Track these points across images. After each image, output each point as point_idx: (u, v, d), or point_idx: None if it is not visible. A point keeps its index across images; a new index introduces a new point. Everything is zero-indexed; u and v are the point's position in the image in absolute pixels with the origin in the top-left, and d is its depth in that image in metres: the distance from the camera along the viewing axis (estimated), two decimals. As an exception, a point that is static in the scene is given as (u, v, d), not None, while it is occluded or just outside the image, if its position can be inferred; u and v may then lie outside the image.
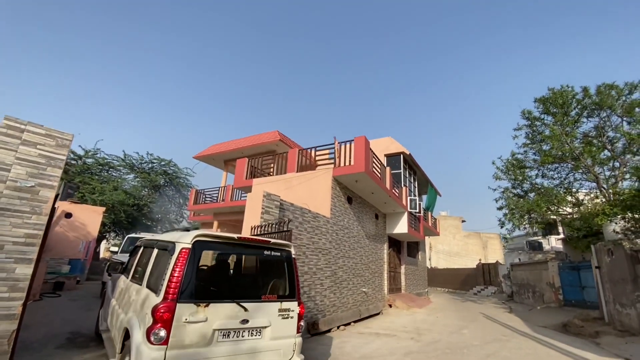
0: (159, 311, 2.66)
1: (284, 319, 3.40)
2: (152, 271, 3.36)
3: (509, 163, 14.50)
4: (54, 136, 3.96)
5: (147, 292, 3.14)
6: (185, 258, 2.89)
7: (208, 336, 2.86)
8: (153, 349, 2.62)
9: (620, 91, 12.27)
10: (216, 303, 2.96)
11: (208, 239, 3.16)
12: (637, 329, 8.81)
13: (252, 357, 3.10)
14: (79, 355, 4.38)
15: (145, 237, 9.70)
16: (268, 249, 3.60)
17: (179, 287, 2.78)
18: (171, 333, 2.66)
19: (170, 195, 25.18)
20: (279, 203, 7.00)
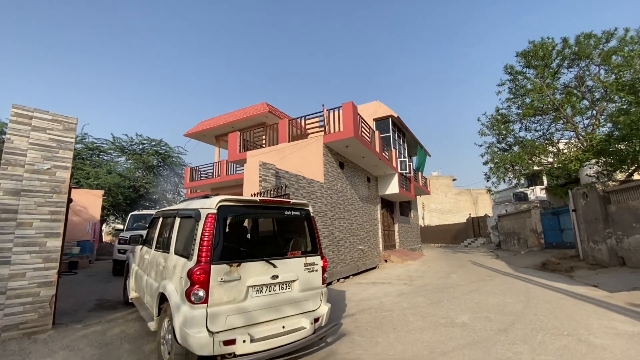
0: (195, 274, 2.84)
1: (309, 272, 3.66)
2: (179, 239, 3.54)
3: (494, 118, 14.94)
4: (61, 121, 4.24)
5: (176, 258, 3.34)
6: (212, 223, 3.02)
7: (243, 292, 3.08)
8: (195, 308, 2.82)
9: (598, 40, 12.51)
10: (247, 262, 3.17)
11: (231, 203, 3.28)
12: (606, 262, 9.79)
13: (284, 307, 3.35)
14: (110, 314, 4.96)
15: (147, 213, 10.12)
16: (288, 209, 3.81)
17: (210, 250, 2.94)
18: (209, 292, 2.86)
19: (165, 175, 25.33)
20: (275, 171, 7.41)
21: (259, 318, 3.16)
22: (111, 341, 3.90)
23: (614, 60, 12.11)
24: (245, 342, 2.89)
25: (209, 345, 2.74)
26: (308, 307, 3.57)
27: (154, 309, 3.57)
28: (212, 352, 2.76)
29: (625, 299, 5.97)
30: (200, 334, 2.75)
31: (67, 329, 4.14)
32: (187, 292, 2.83)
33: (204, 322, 2.81)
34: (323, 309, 3.71)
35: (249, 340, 2.91)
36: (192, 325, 2.78)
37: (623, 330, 4.21)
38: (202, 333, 2.76)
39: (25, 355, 3.39)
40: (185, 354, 2.95)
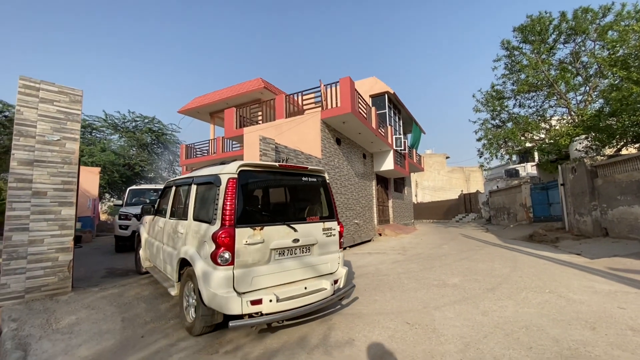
0: (220, 237, 2.89)
1: (327, 237, 3.75)
2: (197, 205, 3.59)
3: (489, 95, 15.07)
4: (67, 93, 4.31)
5: (197, 224, 3.39)
6: (233, 187, 3.06)
7: (267, 255, 3.16)
8: (221, 269, 2.89)
9: (595, 14, 12.51)
10: (269, 226, 3.22)
11: (251, 168, 3.30)
12: (590, 232, 10.31)
13: (305, 270, 3.47)
14: (123, 280, 5.23)
15: (146, 187, 10.20)
16: (305, 175, 3.86)
17: (234, 214, 2.99)
18: (235, 254, 2.93)
19: (159, 153, 25.20)
20: (275, 146, 7.54)
21: (283, 279, 3.26)
22: (128, 301, 4.17)
23: (609, 36, 12.16)
24: (271, 301, 2.97)
25: (238, 305, 2.83)
26: (327, 269, 3.69)
27: (174, 275, 3.67)
28: (240, 311, 2.84)
29: (605, 264, 6.42)
30: (230, 294, 2.86)
31: (85, 292, 4.40)
32: (213, 254, 2.90)
33: (231, 283, 2.90)
34: (341, 272, 3.83)
35: (275, 299, 2.99)
36: (220, 286, 2.87)
37: (600, 289, 4.61)
38: (231, 293, 2.87)
39: (51, 314, 3.65)
40: (212, 315, 3.08)
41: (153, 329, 3.49)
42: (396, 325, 3.47)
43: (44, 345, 3.10)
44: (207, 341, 3.16)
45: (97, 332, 3.38)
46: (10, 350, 3.01)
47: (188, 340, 3.21)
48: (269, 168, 3.52)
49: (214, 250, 2.91)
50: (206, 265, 3.01)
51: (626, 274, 5.46)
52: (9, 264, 3.77)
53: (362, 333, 3.27)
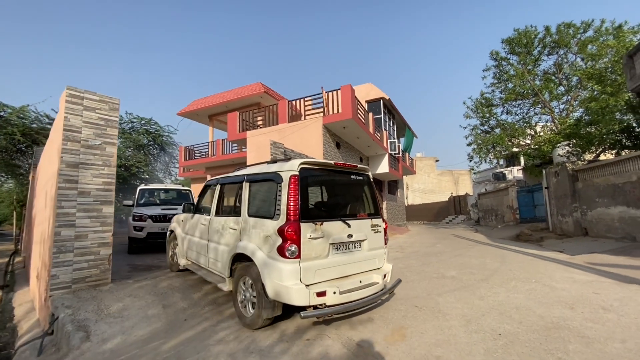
0: (287, 231, 3.01)
1: (375, 233, 3.88)
2: (252, 201, 3.72)
3: (478, 102, 15.91)
4: (106, 101, 4.73)
5: (255, 220, 3.52)
6: (296, 183, 3.18)
7: (326, 249, 3.28)
8: (288, 262, 3.00)
9: (577, 29, 13.45)
10: (328, 222, 3.34)
11: (310, 166, 3.42)
12: (572, 232, 11.12)
13: (358, 264, 3.61)
14: (151, 274, 5.62)
15: (156, 187, 10.24)
16: (354, 174, 3.97)
17: (298, 209, 3.10)
18: (301, 248, 3.04)
19: (155, 154, 25.27)
20: (283, 150, 8.04)
21: (340, 273, 3.40)
22: (164, 291, 4.61)
23: (589, 50, 13.11)
24: (335, 293, 3.11)
25: (305, 296, 2.96)
26: (375, 264, 3.83)
27: (226, 271, 3.81)
28: (308, 302, 2.97)
29: (584, 260, 7.12)
30: (298, 285, 2.98)
31: (122, 283, 4.81)
32: (280, 248, 3.02)
33: (298, 276, 3.03)
34: (388, 267, 3.99)
35: (337, 292, 3.14)
36: (288, 278, 2.98)
37: (579, 279, 5.26)
38: (300, 285, 3.00)
39: (100, 301, 4.07)
40: (273, 308, 3.21)
41: (193, 314, 3.95)
42: (407, 307, 4.01)
43: (102, 327, 3.53)
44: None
45: (144, 317, 3.82)
46: (72, 331, 3.43)
47: (228, 321, 3.68)
48: (324, 166, 3.62)
49: (280, 244, 3.03)
50: (271, 259, 3.14)
51: (602, 267, 6.15)
52: (58, 257, 4.16)
53: (378, 314, 3.80)
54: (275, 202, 3.27)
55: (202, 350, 2.99)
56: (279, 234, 3.07)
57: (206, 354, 2.91)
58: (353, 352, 2.87)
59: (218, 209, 4.43)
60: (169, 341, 3.23)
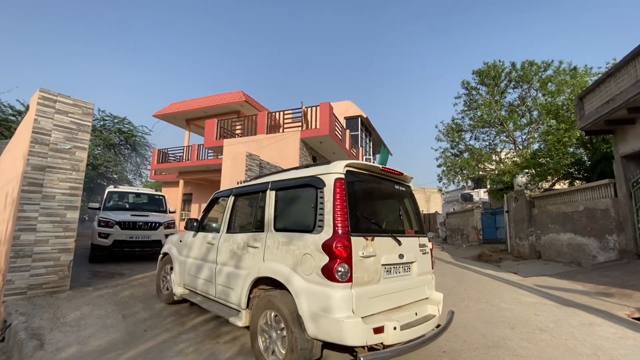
0: (335, 247, 2.37)
1: (423, 255, 3.26)
2: (281, 213, 3.11)
3: (449, 127, 16.83)
4: (80, 105, 4.72)
5: (286, 235, 2.86)
6: (342, 188, 2.61)
7: (378, 272, 2.64)
8: (338, 287, 2.32)
9: (538, 67, 14.68)
10: (378, 237, 2.72)
11: (354, 169, 2.87)
12: (527, 255, 11.88)
13: (409, 292, 2.94)
14: (112, 282, 5.49)
15: (128, 190, 9.37)
16: (398, 183, 3.40)
17: (347, 219, 2.51)
18: (353, 268, 2.40)
19: (127, 154, 24.53)
20: (259, 162, 8.17)
21: (393, 303, 2.74)
22: (125, 301, 4.56)
23: (548, 87, 14.32)
24: (395, 329, 2.39)
25: (363, 333, 2.25)
26: (425, 292, 3.18)
27: (242, 301, 3.09)
28: (364, 341, 2.27)
29: (533, 282, 7.68)
30: (351, 319, 2.26)
31: (81, 291, 4.70)
32: (327, 268, 2.37)
33: (351, 305, 2.33)
34: (439, 296, 3.33)
35: (398, 327, 2.42)
36: (339, 308, 2.29)
37: (525, 301, 5.71)
38: (354, 318, 2.28)
39: (56, 309, 3.98)
40: (310, 350, 2.50)
41: (154, 325, 3.95)
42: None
43: (57, 336, 3.47)
44: (206, 334, 3.70)
45: (102, 326, 3.78)
46: (25, 339, 3.36)
47: (189, 333, 3.72)
48: (370, 170, 3.06)
49: (326, 263, 2.39)
50: (312, 284, 2.47)
51: (547, 289, 6.68)
52: (15, 261, 4.05)
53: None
54: (316, 212, 2.67)
55: (160, 362, 3.04)
56: (324, 250, 2.44)
57: (164, 366, 2.96)
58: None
59: (230, 225, 3.75)
60: (127, 352, 3.24)
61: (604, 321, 4.49)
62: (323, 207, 2.63)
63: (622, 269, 7.46)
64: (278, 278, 2.73)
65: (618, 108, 7.24)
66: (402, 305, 2.85)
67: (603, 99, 8.01)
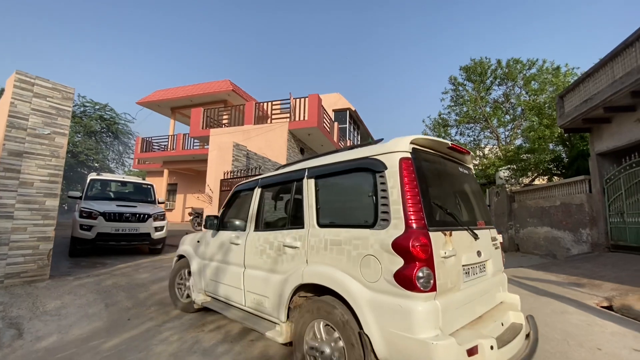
0: (412, 245, 1.86)
1: (496, 249, 2.73)
2: (325, 205, 2.60)
3: (436, 122, 17.06)
4: (60, 90, 4.56)
5: (334, 232, 2.36)
6: (410, 171, 2.09)
7: (459, 276, 2.13)
8: (420, 299, 1.82)
9: (523, 65, 14.98)
10: (455, 231, 2.19)
11: (420, 147, 2.33)
12: (506, 248, 12.27)
13: (486, 298, 2.42)
14: (94, 271, 5.39)
15: (112, 178, 8.77)
16: (462, 165, 2.85)
17: (422, 210, 1.99)
18: (436, 273, 1.90)
19: (109, 142, 23.83)
20: (246, 152, 8.10)
21: (475, 312, 2.24)
22: (107, 290, 4.49)
23: (532, 85, 14.67)
24: (492, 348, 1.89)
25: (456, 357, 1.76)
26: (500, 296, 2.65)
27: (281, 312, 2.63)
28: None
29: (511, 273, 7.96)
30: (443, 340, 1.74)
31: (61, 280, 4.60)
32: (403, 274, 1.86)
33: (438, 321, 1.83)
34: (515, 298, 2.73)
35: (495, 345, 1.92)
36: (423, 326, 1.79)
37: (502, 291, 5.93)
38: (445, 339, 1.76)
39: (35, 298, 3.89)
40: None
41: (137, 314, 3.92)
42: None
43: (36, 325, 3.41)
44: (191, 322, 3.71)
45: (84, 315, 3.73)
46: (3, 329, 3.29)
47: (173, 322, 3.72)
48: (436, 148, 2.51)
49: (401, 267, 1.89)
50: (379, 294, 1.98)
51: (523, 280, 6.95)
52: (-10, 249, 3.93)
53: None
54: (376, 202, 2.17)
55: (144, 350, 3.03)
56: (396, 250, 1.93)
57: (148, 354, 2.96)
58: None
59: (258, 221, 3.27)
60: (110, 340, 3.22)
61: (575, 310, 4.73)
62: (387, 195, 2.11)
63: (593, 261, 7.84)
64: (331, 286, 2.24)
65: (595, 107, 7.51)
66: (482, 315, 2.33)
67: (582, 98, 8.29)
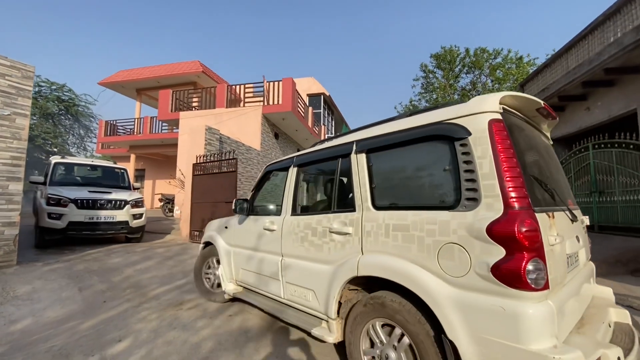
0: (518, 231, 1.45)
1: (585, 234, 2.32)
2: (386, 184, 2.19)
3: (407, 108, 17.53)
4: (19, 68, 4.31)
5: (398, 215, 1.94)
6: (504, 136, 1.64)
7: (565, 268, 1.77)
8: (532, 299, 1.45)
9: (489, 55, 15.66)
10: (556, 212, 1.80)
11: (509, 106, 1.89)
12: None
13: (585, 293, 2.05)
14: (62, 257, 5.25)
15: (80, 162, 8.08)
16: (543, 135, 2.40)
17: (524, 185, 1.57)
18: (548, 267, 1.50)
19: (68, 125, 22.36)
20: (219, 136, 8.02)
21: (579, 312, 1.89)
22: (79, 274, 4.44)
23: (497, 74, 15.42)
24: None
25: None
26: (591, 290, 2.24)
27: (330, 307, 2.31)
28: None
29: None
30: (568, 354, 1.36)
31: (30, 266, 4.48)
32: (507, 268, 1.47)
33: (554, 327, 1.45)
34: (608, 291, 2.33)
35: (622, 356, 1.55)
36: (537, 335, 1.41)
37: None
38: (570, 352, 1.37)
39: (4, 283, 3.80)
40: None
41: (113, 296, 3.95)
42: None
43: (9, 309, 3.37)
44: (169, 302, 3.80)
45: (57, 299, 3.71)
46: (-29, 314, 3.22)
47: (150, 302, 3.79)
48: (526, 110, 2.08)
49: (502, 259, 1.49)
50: (469, 292, 1.60)
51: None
52: (-50, 235, 3.76)
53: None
54: (457, 177, 1.72)
55: (123, 328, 3.10)
56: (493, 237, 1.52)
57: (128, 331, 3.04)
58: None
59: (295, 204, 2.95)
60: (88, 321, 3.25)
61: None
62: (473, 168, 1.67)
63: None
64: (400, 281, 1.85)
65: (551, 96, 8.11)
66: (587, 315, 1.95)
67: (540, 87, 8.91)
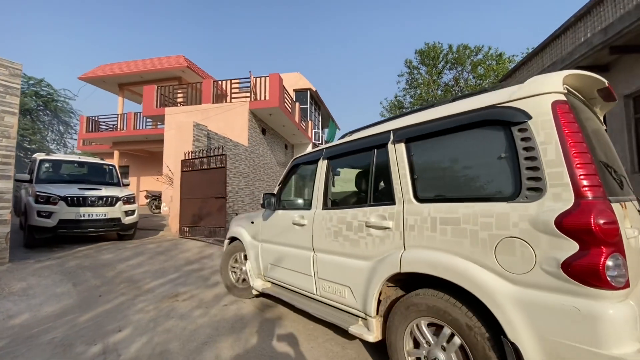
0: (595, 223, 1.32)
1: None
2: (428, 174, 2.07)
3: (392, 104, 17.86)
4: (6, 66, 4.31)
5: (446, 208, 1.83)
6: (571, 118, 1.50)
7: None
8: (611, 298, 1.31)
9: (471, 51, 16.09)
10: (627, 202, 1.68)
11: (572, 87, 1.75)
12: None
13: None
14: (54, 254, 5.27)
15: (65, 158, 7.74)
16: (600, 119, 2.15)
17: (597, 172, 1.44)
18: (628, 262, 1.36)
19: (47, 122, 21.65)
20: (207, 132, 8.07)
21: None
22: (72, 270, 4.51)
23: (478, 70, 15.88)
24: None
25: None
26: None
27: (370, 305, 2.22)
28: None
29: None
30: None
31: (22, 263, 4.51)
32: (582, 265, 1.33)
33: (636, 330, 1.32)
34: None
35: None
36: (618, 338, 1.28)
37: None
38: None
39: (-3, 280, 3.85)
40: None
41: (108, 290, 4.05)
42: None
43: (5, 305, 3.44)
44: (164, 294, 3.94)
45: (53, 295, 3.79)
46: (-32, 310, 3.28)
47: (146, 295, 3.92)
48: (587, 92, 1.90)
49: (576, 254, 1.36)
50: (536, 290, 1.47)
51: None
52: (-60, 234, 3.78)
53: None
54: (516, 166, 1.61)
55: (122, 319, 3.23)
56: (564, 230, 1.40)
57: (127, 321, 3.18)
58: None
59: (326, 198, 2.89)
60: (85, 314, 3.36)
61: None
62: (536, 155, 1.55)
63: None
64: (452, 278, 1.73)
65: (527, 93, 8.52)
66: None
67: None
